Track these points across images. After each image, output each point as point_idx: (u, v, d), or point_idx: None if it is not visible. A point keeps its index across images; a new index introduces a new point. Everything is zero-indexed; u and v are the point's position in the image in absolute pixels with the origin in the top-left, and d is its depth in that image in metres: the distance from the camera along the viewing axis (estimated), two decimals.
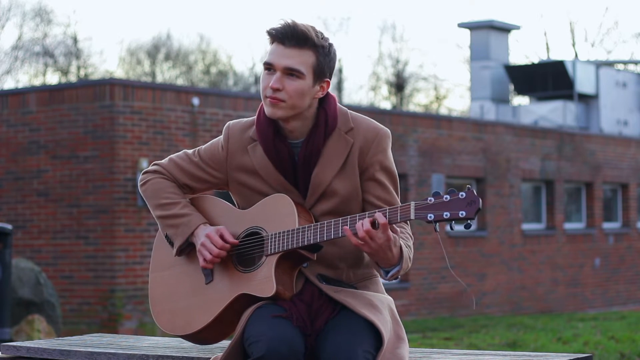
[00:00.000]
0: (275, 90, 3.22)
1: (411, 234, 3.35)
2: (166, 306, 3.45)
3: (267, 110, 3.25)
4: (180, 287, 3.42)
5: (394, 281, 16.51)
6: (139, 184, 3.49)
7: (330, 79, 3.28)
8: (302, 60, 3.21)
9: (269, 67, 3.24)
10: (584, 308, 20.36)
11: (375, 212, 3.10)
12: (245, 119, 3.42)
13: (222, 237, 3.30)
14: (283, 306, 3.19)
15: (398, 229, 3.18)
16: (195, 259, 3.39)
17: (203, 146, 3.45)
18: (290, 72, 3.21)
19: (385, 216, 3.09)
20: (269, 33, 3.25)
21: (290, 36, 3.20)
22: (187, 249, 3.39)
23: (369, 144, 3.29)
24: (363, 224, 3.08)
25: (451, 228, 3.06)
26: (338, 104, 3.35)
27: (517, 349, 9.81)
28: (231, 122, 3.43)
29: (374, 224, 3.08)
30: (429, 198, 3.06)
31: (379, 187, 3.30)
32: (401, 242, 3.18)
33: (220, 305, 3.29)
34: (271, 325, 3.09)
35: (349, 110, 3.35)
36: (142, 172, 3.49)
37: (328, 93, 3.33)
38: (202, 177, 3.42)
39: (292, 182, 3.31)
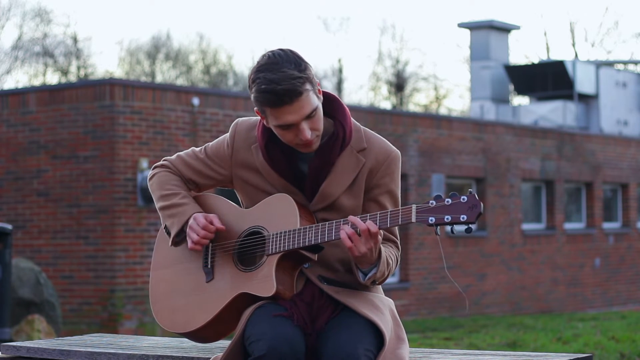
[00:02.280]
0: (314, 136, 3.20)
1: (399, 246, 3.36)
2: (166, 304, 3.45)
3: (303, 150, 3.23)
4: (181, 285, 3.42)
5: (384, 283, 16.48)
6: (147, 179, 3.55)
7: (315, 78, 3.22)
8: (309, 99, 3.15)
9: (289, 126, 3.18)
10: (584, 308, 20.35)
11: (378, 214, 3.11)
12: (255, 118, 3.41)
13: (210, 222, 3.31)
14: (284, 305, 3.19)
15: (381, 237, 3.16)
16: (195, 257, 3.40)
17: (210, 143, 3.47)
18: (311, 114, 3.18)
19: (386, 220, 3.10)
20: (263, 104, 3.16)
21: (287, 97, 3.12)
22: (184, 241, 3.40)
23: (379, 166, 3.30)
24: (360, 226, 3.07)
25: (452, 232, 3.07)
26: (352, 118, 3.34)
27: (517, 349, 9.80)
28: (240, 119, 3.45)
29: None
30: (431, 201, 3.07)
31: (378, 209, 3.29)
32: (382, 247, 3.18)
33: (221, 304, 3.29)
34: (272, 324, 3.10)
35: (362, 127, 3.35)
36: (152, 167, 3.54)
37: (341, 104, 3.31)
38: (208, 174, 3.44)
39: (296, 185, 3.31)
